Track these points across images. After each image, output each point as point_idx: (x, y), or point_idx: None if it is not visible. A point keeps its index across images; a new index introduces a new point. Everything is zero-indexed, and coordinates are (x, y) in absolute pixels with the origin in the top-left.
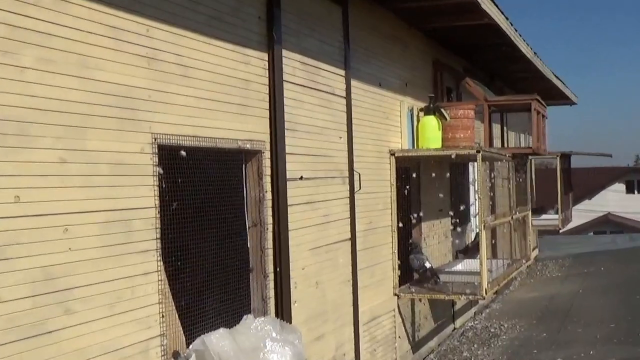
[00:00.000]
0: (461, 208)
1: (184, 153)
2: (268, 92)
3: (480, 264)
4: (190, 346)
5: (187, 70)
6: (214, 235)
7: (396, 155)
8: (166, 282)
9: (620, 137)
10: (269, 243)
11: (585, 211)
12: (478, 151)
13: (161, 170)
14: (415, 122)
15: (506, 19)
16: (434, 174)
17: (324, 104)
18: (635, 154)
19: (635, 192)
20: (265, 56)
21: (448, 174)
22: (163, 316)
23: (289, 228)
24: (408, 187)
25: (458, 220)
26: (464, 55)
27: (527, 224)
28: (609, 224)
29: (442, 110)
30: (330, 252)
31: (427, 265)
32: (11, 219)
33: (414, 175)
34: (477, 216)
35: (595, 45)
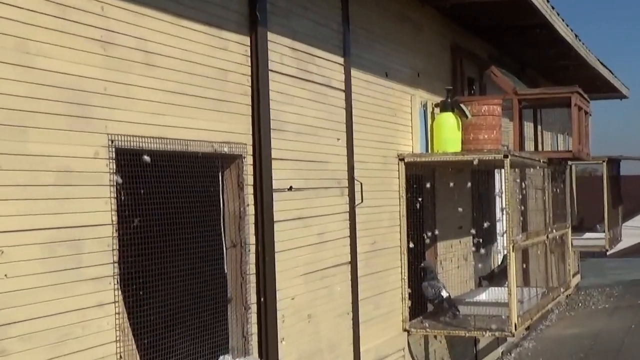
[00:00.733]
0: (485, 225)
1: (147, 158)
2: (250, 85)
3: (509, 294)
4: None
5: (151, 58)
6: (184, 259)
7: (406, 160)
8: (125, 316)
9: None
10: (251, 267)
11: (639, 228)
12: (506, 156)
13: (120, 180)
14: (429, 121)
15: None
16: (452, 184)
17: (318, 98)
18: None
19: None
20: (247, 40)
21: (469, 184)
22: (121, 357)
23: (276, 249)
24: (421, 200)
25: (481, 240)
26: (489, 39)
27: (567, 244)
28: None
29: (462, 106)
30: (326, 279)
31: (444, 294)
32: None
33: (428, 185)
34: (505, 235)
35: None
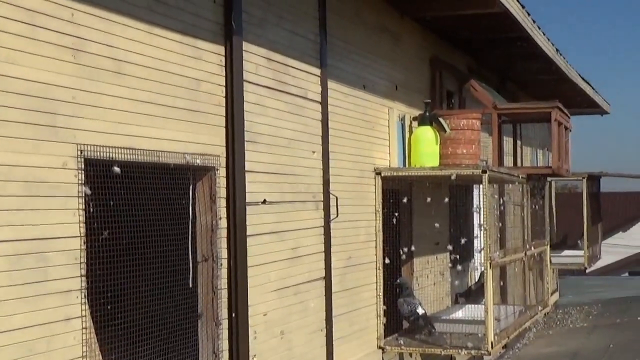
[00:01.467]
0: (462, 241)
1: (117, 169)
2: (224, 95)
3: (486, 311)
4: None
5: (122, 66)
6: (154, 273)
7: (383, 175)
8: (93, 331)
9: None
10: (223, 282)
11: (618, 246)
12: (484, 171)
13: (88, 191)
14: (407, 134)
15: (522, 7)
16: (429, 199)
17: (293, 110)
18: None
19: None
20: (222, 50)
21: (447, 199)
22: None
23: (248, 264)
24: (397, 215)
25: (459, 257)
26: (469, 52)
27: (545, 261)
28: None
29: (441, 119)
30: (300, 294)
31: (420, 311)
32: None
33: (405, 200)
34: (482, 252)
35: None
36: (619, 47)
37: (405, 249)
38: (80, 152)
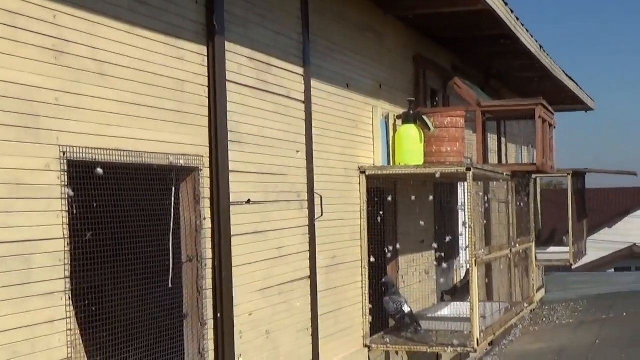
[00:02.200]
0: (447, 239)
1: (100, 171)
2: (207, 95)
3: (471, 309)
4: None
5: (105, 67)
6: (138, 273)
7: (367, 173)
8: (78, 332)
9: None
10: (208, 282)
11: (604, 242)
12: (469, 169)
13: (71, 192)
14: (391, 133)
15: (505, 4)
16: (414, 197)
17: (277, 109)
18: None
19: None
20: (204, 50)
21: (431, 197)
22: None
23: (233, 264)
24: (382, 213)
25: (444, 255)
26: (453, 50)
27: (531, 258)
28: (634, 258)
29: (425, 117)
30: (285, 294)
31: (406, 309)
32: None
33: (390, 198)
34: (468, 249)
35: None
36: (605, 43)
37: (391, 248)
38: (63, 154)
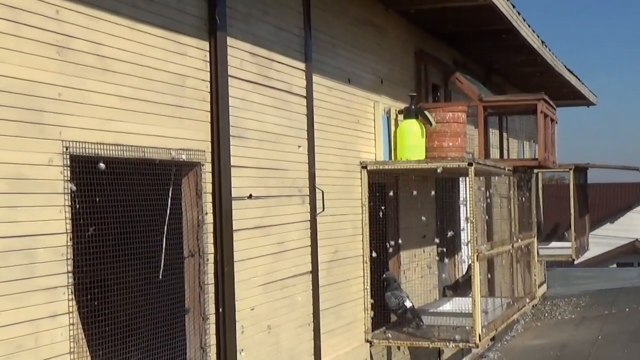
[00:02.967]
0: (449, 234)
1: (103, 166)
2: (209, 90)
3: (473, 304)
4: None
5: (107, 62)
6: (140, 268)
7: (369, 168)
8: (80, 327)
9: None
10: (210, 277)
11: (606, 237)
12: (470, 164)
13: (74, 187)
14: (392, 128)
15: None
16: (415, 192)
17: (278, 104)
18: None
19: None
20: (206, 45)
21: (433, 192)
22: None
23: (235, 259)
24: (383, 208)
25: (445, 250)
26: (455, 45)
27: (533, 253)
28: (636, 253)
29: (427, 112)
30: (286, 289)
31: (407, 304)
32: None
33: (391, 193)
34: (469, 244)
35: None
36: (606, 38)
37: (392, 243)
38: (66, 149)
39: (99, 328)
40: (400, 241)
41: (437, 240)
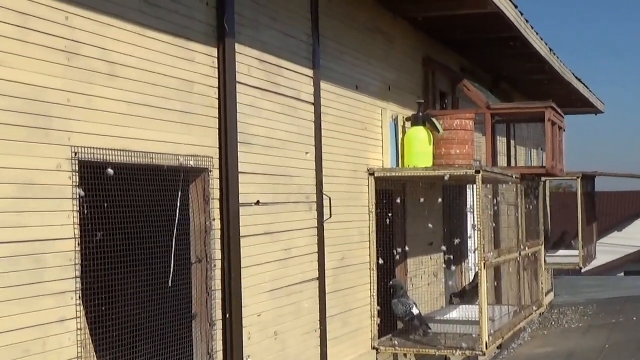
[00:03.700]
0: (456, 242)
1: (111, 171)
2: (217, 96)
3: (480, 311)
4: None
5: (116, 68)
6: (148, 274)
7: (376, 175)
8: (87, 332)
9: None
10: (217, 283)
11: (613, 246)
12: (477, 171)
13: (82, 193)
14: (400, 135)
15: (514, 6)
16: (422, 199)
17: (286, 111)
18: None
19: None
20: (214, 51)
21: (440, 200)
22: None
23: (242, 265)
24: (390, 215)
25: (452, 257)
26: (462, 52)
27: (540, 261)
28: None
29: (434, 119)
30: (293, 295)
31: (414, 311)
32: None
33: (398, 200)
34: (476, 252)
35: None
36: (615, 45)
37: (399, 250)
38: (74, 154)
39: (106, 333)
40: (407, 248)
41: (444, 247)
